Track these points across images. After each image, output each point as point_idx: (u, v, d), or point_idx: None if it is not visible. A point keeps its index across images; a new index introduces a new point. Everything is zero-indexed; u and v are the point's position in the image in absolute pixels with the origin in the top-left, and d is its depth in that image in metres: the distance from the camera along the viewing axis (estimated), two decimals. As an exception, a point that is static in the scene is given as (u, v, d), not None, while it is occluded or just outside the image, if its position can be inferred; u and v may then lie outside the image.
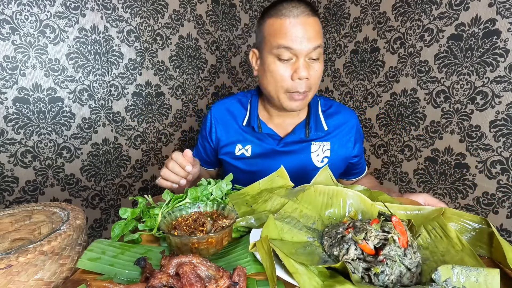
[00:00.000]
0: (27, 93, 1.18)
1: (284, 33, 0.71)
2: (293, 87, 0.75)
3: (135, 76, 1.43)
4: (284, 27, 0.71)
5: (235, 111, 0.92)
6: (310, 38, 0.71)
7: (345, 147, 0.89)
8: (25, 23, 1.13)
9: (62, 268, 0.46)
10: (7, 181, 1.20)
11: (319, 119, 0.88)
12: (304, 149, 0.86)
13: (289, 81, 0.75)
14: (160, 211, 0.56)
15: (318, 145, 0.87)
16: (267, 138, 0.87)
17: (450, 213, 0.56)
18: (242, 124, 0.89)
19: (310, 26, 0.71)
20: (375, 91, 1.55)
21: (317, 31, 0.73)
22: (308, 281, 0.38)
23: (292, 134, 0.86)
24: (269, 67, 0.76)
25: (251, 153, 0.88)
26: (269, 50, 0.75)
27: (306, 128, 0.87)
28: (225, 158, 0.91)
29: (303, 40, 0.71)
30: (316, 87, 0.79)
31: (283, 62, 0.74)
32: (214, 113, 0.93)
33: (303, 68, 0.72)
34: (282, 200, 0.59)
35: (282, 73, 0.74)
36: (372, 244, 0.43)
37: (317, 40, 0.72)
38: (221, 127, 0.91)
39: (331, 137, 0.88)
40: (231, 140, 0.90)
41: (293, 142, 0.86)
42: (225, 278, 0.35)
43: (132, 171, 1.52)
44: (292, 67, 0.74)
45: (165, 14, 1.45)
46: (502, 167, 1.12)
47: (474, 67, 1.16)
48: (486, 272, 0.38)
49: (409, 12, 1.35)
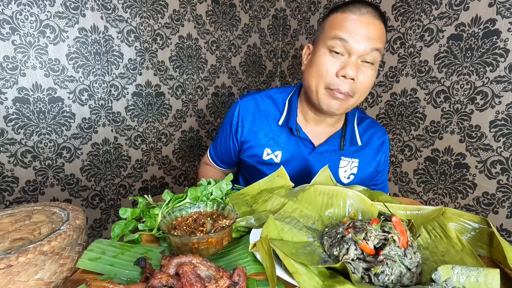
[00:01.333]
0: (27, 93, 1.18)
1: (345, 26, 0.67)
2: (335, 84, 0.69)
3: (135, 76, 1.43)
4: (346, 20, 0.68)
5: (266, 109, 0.84)
6: (370, 38, 0.67)
7: (371, 166, 0.85)
8: (25, 23, 1.13)
9: (62, 268, 0.46)
10: (7, 181, 1.20)
11: (354, 132, 0.84)
12: (333, 162, 0.82)
13: (333, 77, 0.69)
14: (160, 211, 0.56)
15: (347, 161, 0.82)
16: (300, 144, 0.81)
17: (450, 213, 0.56)
18: (277, 124, 0.82)
19: (373, 26, 0.67)
20: (375, 91, 1.55)
21: (379, 35, 0.68)
22: (308, 281, 0.38)
23: (326, 144, 0.81)
24: (318, 59, 0.71)
25: (281, 159, 0.81)
26: (324, 42, 0.71)
27: (341, 140, 0.82)
28: (248, 161, 0.84)
29: (361, 38, 0.66)
30: (362, 95, 0.73)
31: (334, 56, 0.69)
32: (243, 109, 0.84)
33: (352, 66, 0.67)
34: (282, 200, 0.59)
35: (328, 66, 0.69)
36: (372, 244, 0.43)
37: (377, 43, 0.68)
38: (249, 125, 0.83)
39: (361, 155, 0.84)
40: (259, 143, 0.82)
41: (325, 153, 0.82)
42: (225, 278, 0.35)
43: (132, 171, 1.52)
44: (341, 63, 0.69)
45: (165, 14, 1.45)
46: (502, 167, 1.12)
47: (474, 67, 1.16)
48: (486, 272, 0.38)
49: (409, 12, 1.35)
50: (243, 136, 0.84)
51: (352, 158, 0.83)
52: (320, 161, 0.82)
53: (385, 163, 0.90)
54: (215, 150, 0.93)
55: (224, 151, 0.90)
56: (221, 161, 0.93)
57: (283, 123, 0.81)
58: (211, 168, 0.96)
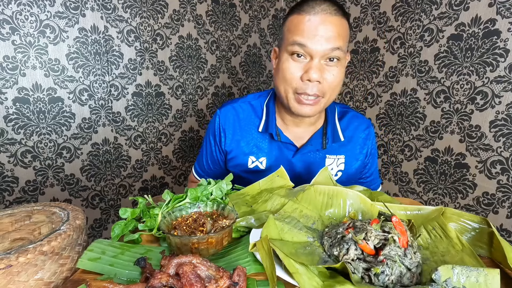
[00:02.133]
0: (27, 93, 1.18)
1: (301, 30, 0.67)
2: (302, 88, 0.70)
3: (135, 76, 1.43)
4: (301, 23, 0.67)
5: (246, 117, 0.83)
6: (329, 38, 0.66)
7: (358, 159, 0.85)
8: (25, 23, 1.13)
9: (62, 268, 0.46)
10: (7, 181, 1.20)
11: (335, 128, 0.83)
12: (318, 162, 0.81)
13: (299, 81, 0.70)
14: (160, 211, 0.56)
15: (332, 159, 0.82)
16: (283, 147, 0.81)
17: (450, 213, 0.56)
18: (258, 131, 0.81)
19: (330, 25, 0.66)
20: (375, 91, 1.55)
21: (338, 32, 0.67)
22: (308, 281, 0.38)
23: (309, 144, 0.80)
24: (282, 65, 0.71)
25: (266, 165, 0.81)
26: (285, 47, 0.71)
27: (323, 138, 0.81)
28: (234, 171, 0.83)
29: (320, 39, 0.65)
30: (332, 94, 0.73)
31: (296, 60, 0.69)
32: (223, 118, 0.83)
33: (315, 69, 0.67)
34: (282, 200, 0.59)
35: (292, 71, 0.70)
36: (372, 244, 0.43)
37: (336, 41, 0.66)
38: (230, 135, 0.82)
39: (346, 150, 0.83)
40: (242, 151, 0.82)
41: (309, 153, 0.81)
42: (225, 278, 0.35)
43: (132, 171, 1.52)
44: (304, 67, 0.69)
45: (165, 14, 1.45)
46: (502, 167, 1.12)
47: (474, 67, 1.16)
48: (486, 272, 0.38)
49: (409, 12, 1.35)
50: (226, 145, 0.83)
51: (337, 155, 0.82)
52: (305, 162, 0.81)
53: (372, 155, 0.89)
54: (201, 166, 0.92)
55: (212, 163, 0.89)
56: (208, 175, 0.91)
57: (263, 129, 0.81)
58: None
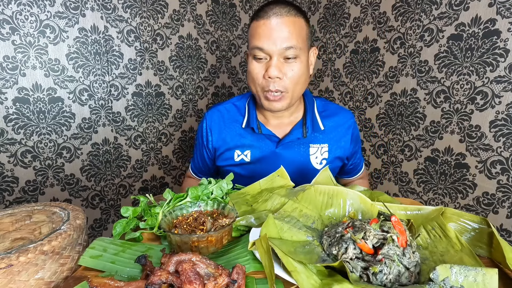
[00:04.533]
0: (27, 93, 1.18)
1: (258, 34, 0.73)
2: (266, 86, 0.76)
3: (135, 76, 1.43)
4: (258, 28, 0.74)
5: (231, 116, 0.91)
6: (282, 38, 0.72)
7: (342, 147, 0.90)
8: (25, 23, 1.13)
9: (62, 268, 0.47)
10: (7, 181, 1.21)
11: (315, 118, 0.88)
12: (303, 151, 0.87)
13: (262, 80, 0.76)
14: (161, 210, 0.56)
15: (316, 147, 0.87)
16: (266, 139, 0.87)
17: (450, 213, 0.56)
18: (241, 127, 0.89)
19: (282, 25, 0.72)
20: (375, 91, 1.55)
21: (290, 31, 0.72)
22: (306, 280, 0.38)
23: (290, 135, 0.86)
24: (249, 66, 0.79)
25: (250, 158, 0.87)
26: (250, 51, 0.78)
27: (303, 128, 0.87)
28: (223, 164, 0.90)
29: (275, 41, 0.72)
30: (296, 88, 0.78)
31: (258, 61, 0.76)
32: (209, 120, 0.92)
33: (273, 68, 0.73)
34: (282, 200, 0.60)
35: (256, 71, 0.77)
36: (371, 243, 0.43)
37: (289, 41, 0.72)
38: (217, 134, 0.90)
39: (329, 139, 0.88)
40: (228, 146, 0.89)
41: (292, 143, 0.86)
42: (224, 276, 0.35)
43: (132, 171, 1.53)
44: (265, 66, 0.76)
45: (165, 14, 1.45)
46: (502, 167, 1.12)
47: (474, 67, 1.16)
48: (484, 271, 0.38)
49: (409, 12, 1.35)
50: (213, 143, 0.91)
51: (320, 143, 0.88)
52: (288, 151, 0.86)
53: (356, 142, 0.94)
54: (195, 163, 1.00)
55: (202, 162, 0.97)
56: (200, 172, 1.00)
57: (246, 125, 0.88)
58: (194, 180, 1.03)
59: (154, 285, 0.33)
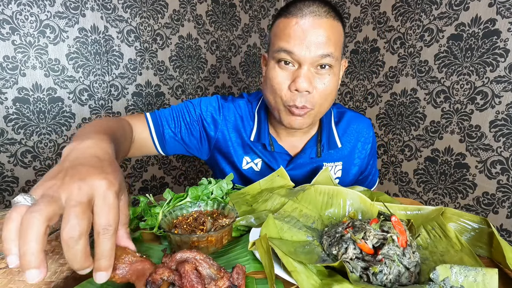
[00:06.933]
0: (27, 93, 1.18)
1: (287, 34, 0.60)
2: (290, 100, 0.63)
3: (135, 76, 1.43)
4: (288, 27, 0.60)
5: (242, 122, 0.77)
6: (318, 44, 0.59)
7: (357, 165, 0.80)
8: (25, 23, 1.13)
9: (62, 268, 0.47)
10: (7, 181, 1.21)
11: (332, 134, 0.76)
12: (315, 170, 0.76)
13: (287, 92, 0.63)
14: (161, 210, 0.56)
15: (330, 166, 0.77)
16: (277, 156, 0.76)
17: (450, 213, 0.56)
18: (249, 139, 0.75)
19: (320, 28, 0.59)
20: (375, 91, 1.55)
21: (329, 36, 0.60)
22: (306, 280, 0.38)
23: (303, 153, 0.75)
24: (270, 73, 0.64)
25: (261, 167, 0.77)
26: (272, 54, 0.64)
27: (317, 145, 0.75)
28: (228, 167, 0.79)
29: (309, 45, 0.59)
30: (324, 105, 0.66)
31: (283, 68, 0.62)
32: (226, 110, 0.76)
33: (303, 78, 0.60)
34: (282, 200, 0.60)
35: (280, 80, 0.63)
36: (371, 243, 0.43)
37: (326, 47, 0.59)
38: (222, 132, 0.76)
39: (344, 156, 0.78)
40: (236, 152, 0.77)
41: (304, 162, 0.76)
42: (225, 279, 0.35)
43: (132, 171, 1.53)
44: (292, 75, 0.62)
45: (165, 14, 1.45)
46: (502, 167, 1.12)
47: (474, 67, 1.16)
48: (484, 271, 0.38)
49: (409, 12, 1.35)
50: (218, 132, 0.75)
51: (334, 162, 0.78)
52: (299, 171, 0.77)
53: (373, 156, 0.85)
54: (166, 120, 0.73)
55: (178, 130, 0.73)
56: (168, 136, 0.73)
57: (255, 138, 0.75)
58: (140, 124, 0.70)
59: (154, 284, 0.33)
